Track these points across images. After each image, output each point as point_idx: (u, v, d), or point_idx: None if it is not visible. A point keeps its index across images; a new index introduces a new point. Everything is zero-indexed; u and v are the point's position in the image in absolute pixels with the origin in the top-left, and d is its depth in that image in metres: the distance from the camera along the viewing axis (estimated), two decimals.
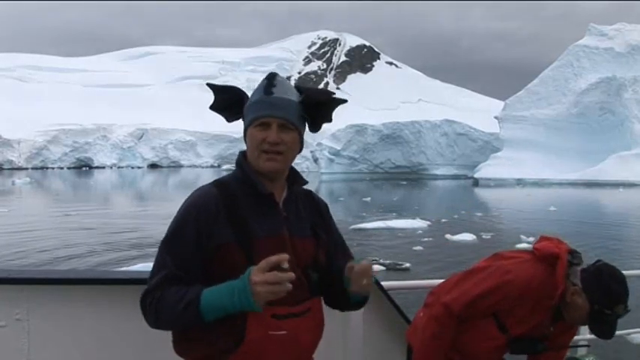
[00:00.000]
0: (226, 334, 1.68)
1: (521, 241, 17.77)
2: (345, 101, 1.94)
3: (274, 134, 1.75)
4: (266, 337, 1.68)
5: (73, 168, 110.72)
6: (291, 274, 1.58)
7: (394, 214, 27.67)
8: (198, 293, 1.64)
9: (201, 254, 1.72)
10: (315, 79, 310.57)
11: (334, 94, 1.86)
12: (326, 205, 2.03)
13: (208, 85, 1.86)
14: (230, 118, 1.88)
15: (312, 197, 2.00)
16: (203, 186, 1.84)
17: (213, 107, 1.87)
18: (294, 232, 1.82)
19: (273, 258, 1.57)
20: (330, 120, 1.87)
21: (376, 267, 14.39)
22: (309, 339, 1.80)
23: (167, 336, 2.42)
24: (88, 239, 19.38)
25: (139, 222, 24.83)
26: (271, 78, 1.82)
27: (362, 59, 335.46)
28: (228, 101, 1.86)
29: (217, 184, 1.83)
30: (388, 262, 15.08)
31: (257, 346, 1.67)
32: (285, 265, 1.57)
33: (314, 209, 1.97)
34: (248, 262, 1.65)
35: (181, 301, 1.65)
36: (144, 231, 21.51)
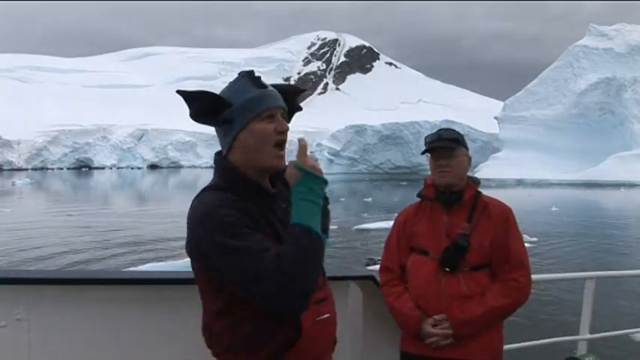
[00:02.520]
0: (282, 332, 1.68)
1: (524, 241, 17.75)
2: (304, 90, 2.01)
3: (284, 122, 1.75)
4: (316, 324, 1.73)
5: (73, 169, 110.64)
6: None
7: (396, 214, 27.53)
8: (294, 223, 1.62)
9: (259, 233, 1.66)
10: (314, 80, 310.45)
11: (296, 86, 1.91)
12: None
13: (179, 92, 1.74)
14: (217, 123, 1.77)
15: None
16: (207, 195, 1.72)
17: (194, 116, 1.75)
18: None
19: (302, 145, 1.67)
20: (301, 108, 1.92)
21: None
22: (336, 319, 1.87)
23: (167, 336, 2.42)
24: (89, 239, 19.37)
25: (139, 222, 24.83)
26: (251, 73, 1.79)
27: (361, 60, 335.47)
28: (205, 107, 1.75)
29: (217, 188, 1.73)
30: None
31: (311, 335, 1.71)
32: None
33: None
34: None
35: (291, 239, 1.60)
36: (145, 231, 21.50)
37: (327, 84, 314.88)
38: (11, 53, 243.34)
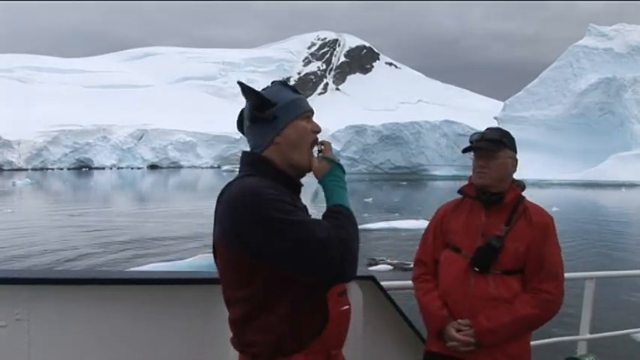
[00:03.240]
0: (310, 321, 1.77)
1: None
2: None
3: (317, 124, 1.96)
4: (340, 313, 1.85)
5: (73, 169, 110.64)
6: None
7: (397, 214, 27.66)
8: (334, 204, 1.84)
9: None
10: (314, 80, 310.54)
11: None
12: None
13: (239, 83, 1.92)
14: (265, 118, 1.89)
15: None
16: (246, 179, 1.79)
17: (253, 109, 1.88)
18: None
19: (328, 143, 1.95)
20: None
21: (383, 267, 14.57)
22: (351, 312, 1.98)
23: (169, 336, 2.42)
24: (89, 239, 19.40)
25: (139, 222, 24.85)
26: (285, 82, 1.98)
27: (361, 60, 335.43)
28: (255, 101, 1.89)
29: (253, 176, 1.82)
30: (395, 261, 15.17)
31: (336, 324, 1.82)
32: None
33: None
34: None
35: (336, 215, 1.80)
36: (145, 231, 21.51)
37: (327, 84, 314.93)
38: (11, 53, 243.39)
